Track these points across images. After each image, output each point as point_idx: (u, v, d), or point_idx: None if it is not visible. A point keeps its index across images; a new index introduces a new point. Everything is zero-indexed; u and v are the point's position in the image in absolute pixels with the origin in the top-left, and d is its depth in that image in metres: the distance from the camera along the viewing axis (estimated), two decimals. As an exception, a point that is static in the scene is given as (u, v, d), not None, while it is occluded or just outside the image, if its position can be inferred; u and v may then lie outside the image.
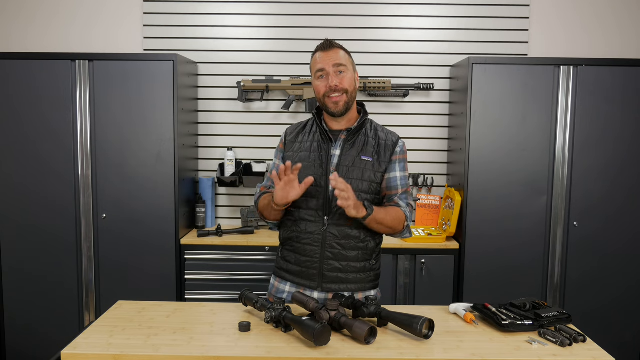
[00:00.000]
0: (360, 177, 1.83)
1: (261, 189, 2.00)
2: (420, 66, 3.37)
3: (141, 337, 1.59)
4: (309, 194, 1.83)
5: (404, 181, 1.90)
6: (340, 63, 1.82)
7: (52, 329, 3.06)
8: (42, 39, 3.40)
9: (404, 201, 1.90)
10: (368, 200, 1.83)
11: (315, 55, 1.87)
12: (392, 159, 1.88)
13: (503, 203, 2.98)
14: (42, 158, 3.00)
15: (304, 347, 1.52)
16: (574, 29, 3.37)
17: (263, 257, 3.01)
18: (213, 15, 3.37)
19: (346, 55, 1.86)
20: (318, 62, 1.84)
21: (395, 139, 1.92)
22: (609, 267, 3.00)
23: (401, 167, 1.90)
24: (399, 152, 1.90)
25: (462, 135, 3.05)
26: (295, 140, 1.94)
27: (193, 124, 3.33)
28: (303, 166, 1.84)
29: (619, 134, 2.95)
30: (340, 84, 1.81)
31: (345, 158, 1.84)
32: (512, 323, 1.66)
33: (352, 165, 1.83)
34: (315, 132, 1.91)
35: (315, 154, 1.86)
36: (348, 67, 1.84)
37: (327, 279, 1.84)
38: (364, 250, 1.86)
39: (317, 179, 1.83)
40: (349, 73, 1.84)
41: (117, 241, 3.02)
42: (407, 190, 1.92)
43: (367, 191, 1.84)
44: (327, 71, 1.81)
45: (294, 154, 1.91)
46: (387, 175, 1.88)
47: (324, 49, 1.84)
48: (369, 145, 1.87)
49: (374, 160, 1.86)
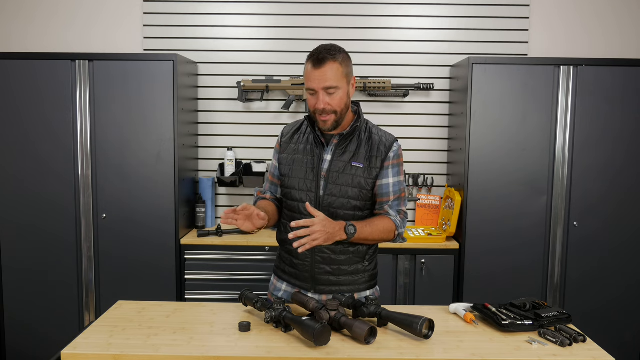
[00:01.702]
0: (350, 184, 1.80)
1: (257, 194, 2.01)
2: (420, 66, 3.37)
3: (141, 337, 1.59)
4: (301, 199, 1.82)
5: (396, 187, 1.84)
6: (330, 86, 1.72)
7: (52, 329, 3.06)
8: (42, 39, 3.40)
9: (394, 209, 1.85)
10: (358, 207, 1.81)
11: (307, 65, 1.76)
12: (385, 165, 1.82)
13: (503, 203, 2.98)
14: (42, 158, 3.00)
15: (304, 347, 1.52)
16: (574, 29, 3.37)
17: (263, 257, 3.01)
18: (213, 15, 3.37)
19: (339, 69, 1.73)
20: (309, 79, 1.75)
21: (390, 142, 1.85)
22: (609, 267, 3.00)
23: (394, 173, 1.84)
24: (392, 157, 1.83)
25: (462, 135, 3.05)
26: (290, 142, 1.92)
27: (193, 124, 3.33)
28: (295, 169, 1.84)
29: (618, 133, 2.95)
30: (329, 105, 1.74)
31: (335, 164, 1.81)
32: (512, 323, 1.66)
33: (342, 172, 1.80)
34: (309, 133, 1.89)
35: (307, 158, 1.84)
36: (340, 85, 1.74)
37: (319, 281, 1.85)
38: (355, 254, 1.85)
39: (308, 183, 1.82)
40: (340, 92, 1.74)
41: (117, 241, 3.02)
42: (400, 197, 1.86)
43: (356, 198, 1.81)
44: (317, 92, 1.74)
45: (289, 155, 1.89)
46: (379, 181, 1.83)
47: (315, 64, 1.72)
48: (362, 150, 1.83)
49: (365, 166, 1.81)
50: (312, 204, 1.80)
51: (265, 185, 2.04)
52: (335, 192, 1.80)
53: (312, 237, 1.63)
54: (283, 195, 1.92)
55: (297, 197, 1.83)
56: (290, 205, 1.86)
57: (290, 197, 1.86)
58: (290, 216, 1.86)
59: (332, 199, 1.80)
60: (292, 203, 1.85)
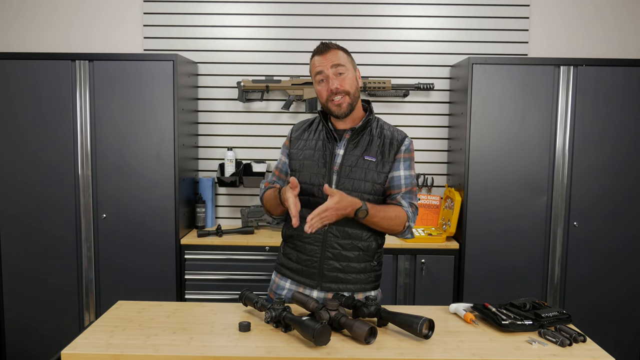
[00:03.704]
0: (363, 178, 1.81)
1: (265, 184, 2.00)
2: (420, 66, 3.37)
3: (141, 337, 1.59)
4: (311, 193, 1.83)
5: (408, 180, 1.86)
6: (338, 63, 1.78)
7: (52, 329, 3.06)
8: (42, 39, 3.40)
9: (407, 200, 1.85)
10: (371, 201, 1.81)
11: (312, 59, 1.84)
12: (397, 158, 1.85)
13: (503, 203, 2.98)
14: (42, 158, 3.00)
15: (304, 347, 1.52)
16: (574, 29, 3.37)
17: (263, 257, 3.01)
18: (213, 15, 3.37)
19: (344, 54, 1.82)
20: (316, 66, 1.81)
21: (402, 137, 1.88)
22: (609, 267, 3.00)
23: (406, 166, 1.86)
24: (404, 150, 1.86)
25: (462, 135, 3.05)
26: (300, 138, 1.93)
27: (193, 124, 3.33)
28: (307, 164, 1.86)
29: (618, 133, 2.95)
30: (341, 85, 1.79)
31: (348, 158, 1.83)
32: (512, 323, 1.66)
33: (354, 166, 1.82)
34: (321, 130, 1.91)
35: (319, 153, 1.86)
36: (347, 66, 1.81)
37: (326, 278, 1.84)
38: (365, 251, 1.85)
39: (320, 178, 1.82)
40: (349, 73, 1.81)
41: (117, 241, 3.02)
42: (411, 190, 1.87)
43: (369, 192, 1.82)
44: (326, 74, 1.79)
45: (298, 151, 1.90)
46: (391, 174, 1.85)
47: (320, 52, 1.81)
48: (374, 144, 1.85)
49: (378, 160, 1.83)
50: (324, 198, 1.78)
51: (271, 178, 2.01)
52: (348, 186, 1.80)
53: (323, 217, 1.65)
54: None
55: (310, 191, 1.83)
56: (302, 201, 1.82)
57: (302, 192, 1.84)
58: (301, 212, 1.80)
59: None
60: (304, 198, 1.83)
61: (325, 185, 1.68)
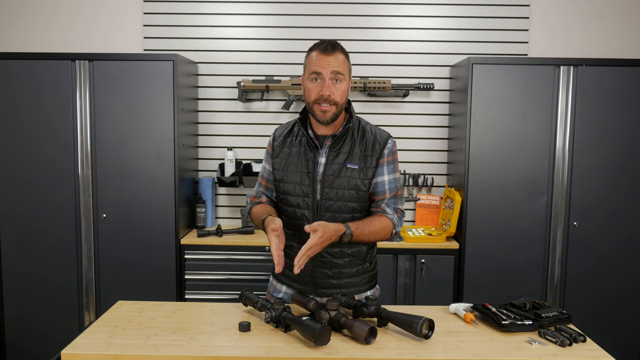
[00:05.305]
0: (346, 186, 1.78)
1: (251, 199, 1.96)
2: (420, 66, 3.37)
3: (141, 337, 1.59)
4: (298, 205, 1.81)
5: (392, 185, 1.82)
6: (339, 71, 1.72)
7: (52, 329, 3.06)
8: (42, 39, 3.40)
9: (391, 207, 1.83)
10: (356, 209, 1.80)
11: (312, 53, 1.75)
12: (380, 162, 1.81)
13: (503, 203, 2.98)
14: (42, 158, 3.00)
15: (304, 347, 1.52)
16: (573, 29, 3.37)
17: (263, 257, 3.01)
18: (213, 15, 3.37)
19: (346, 61, 1.76)
20: (315, 64, 1.73)
21: (384, 139, 1.83)
22: (609, 267, 3.00)
23: (390, 170, 1.82)
24: (387, 154, 1.82)
25: (462, 135, 3.05)
26: (283, 145, 1.88)
27: (193, 124, 3.33)
28: (291, 173, 1.82)
29: (618, 133, 2.95)
30: (333, 95, 1.72)
31: (330, 167, 1.79)
32: (512, 323, 1.66)
33: (337, 175, 1.78)
34: (301, 136, 1.85)
35: (302, 162, 1.82)
36: (345, 75, 1.74)
37: (319, 285, 1.84)
38: (356, 256, 1.84)
39: (304, 188, 1.80)
40: (344, 83, 1.75)
41: (117, 241, 3.02)
42: (396, 194, 1.84)
43: (354, 200, 1.79)
44: (324, 77, 1.72)
45: (282, 160, 1.86)
46: (375, 179, 1.81)
47: (325, 51, 1.72)
48: (356, 150, 1.81)
49: (361, 167, 1.79)
50: (309, 209, 1.79)
51: (258, 189, 1.98)
52: (332, 195, 1.78)
53: (309, 254, 1.62)
54: (279, 200, 1.89)
55: (294, 202, 1.81)
56: (288, 212, 1.84)
57: (287, 203, 1.84)
58: (287, 222, 1.84)
59: (329, 203, 1.78)
60: (289, 209, 1.83)
61: (306, 226, 1.64)
